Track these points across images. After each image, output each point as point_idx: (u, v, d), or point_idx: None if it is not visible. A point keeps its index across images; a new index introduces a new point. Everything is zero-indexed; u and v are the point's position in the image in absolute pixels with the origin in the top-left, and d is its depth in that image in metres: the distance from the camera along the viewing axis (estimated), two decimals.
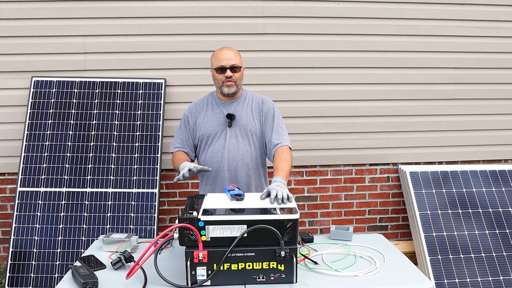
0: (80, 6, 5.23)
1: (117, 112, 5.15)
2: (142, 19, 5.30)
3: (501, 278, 4.78)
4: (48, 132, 5.05)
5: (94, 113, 5.13)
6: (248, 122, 3.68)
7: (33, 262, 4.76)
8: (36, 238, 4.81)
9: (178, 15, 5.32)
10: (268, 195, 2.99)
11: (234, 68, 3.60)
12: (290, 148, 3.70)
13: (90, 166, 5.00)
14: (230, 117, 3.65)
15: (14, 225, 4.84)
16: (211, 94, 3.88)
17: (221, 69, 3.60)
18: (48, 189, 4.93)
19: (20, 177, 4.96)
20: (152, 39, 5.33)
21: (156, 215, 4.90)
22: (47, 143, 5.03)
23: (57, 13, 5.22)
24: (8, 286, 4.72)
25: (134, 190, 4.95)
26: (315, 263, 2.88)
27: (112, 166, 5.01)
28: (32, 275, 4.74)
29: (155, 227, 4.87)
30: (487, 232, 5.07)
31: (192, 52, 5.37)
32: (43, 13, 5.21)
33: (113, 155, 5.03)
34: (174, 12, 5.31)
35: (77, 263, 2.90)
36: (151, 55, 5.34)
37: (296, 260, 2.53)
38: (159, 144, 5.08)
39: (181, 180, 3.35)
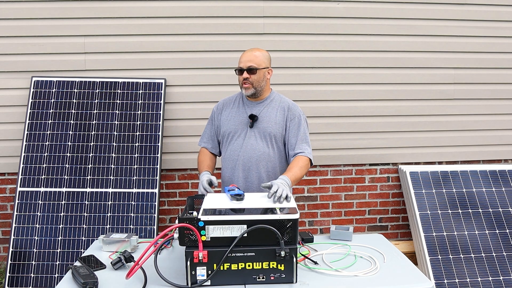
0: (80, 6, 5.23)
1: (117, 112, 5.15)
2: (142, 19, 5.30)
3: (501, 278, 4.79)
4: (48, 132, 5.05)
5: (94, 113, 5.13)
6: (269, 125, 3.64)
7: (33, 262, 4.76)
8: (36, 238, 4.81)
9: (178, 15, 5.32)
10: (270, 187, 3.02)
11: (251, 70, 3.54)
12: (310, 160, 3.68)
13: (90, 166, 5.00)
14: (253, 118, 3.62)
15: (14, 225, 4.85)
16: (240, 93, 3.85)
17: (239, 71, 3.58)
18: (48, 189, 4.93)
19: (20, 177, 4.96)
20: (152, 39, 5.33)
21: (156, 215, 4.90)
22: (47, 143, 5.03)
23: (57, 13, 5.22)
24: (8, 286, 4.72)
25: (134, 190, 4.95)
26: (315, 263, 2.88)
27: (112, 166, 5.01)
28: (32, 275, 4.74)
29: (155, 227, 4.87)
30: (487, 232, 5.07)
31: (192, 52, 5.37)
32: (43, 13, 5.21)
33: (113, 155, 5.04)
34: (174, 12, 5.31)
35: (77, 263, 2.91)
36: (151, 55, 5.34)
37: (296, 260, 2.53)
38: (159, 144, 5.08)
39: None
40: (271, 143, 3.65)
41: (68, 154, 5.01)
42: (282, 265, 2.53)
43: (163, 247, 3.22)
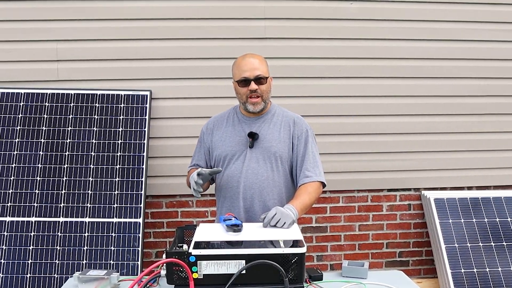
0: (53, 7, 5.25)
1: (95, 129, 5.17)
2: (124, 21, 5.32)
3: None
4: (15, 153, 5.07)
5: (68, 130, 5.15)
6: (273, 144, 3.58)
7: None
8: (0, 275, 4.81)
9: (166, 16, 5.35)
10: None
11: (259, 80, 3.49)
12: (323, 183, 3.64)
13: (63, 192, 5.01)
14: (253, 136, 3.55)
15: None
16: (234, 108, 3.80)
17: (244, 82, 3.49)
18: (15, 219, 4.94)
19: None
20: (136, 44, 5.36)
21: (140, 248, 4.90)
22: (13, 165, 5.04)
23: (25, 14, 5.24)
24: None
25: (115, 220, 4.96)
26: None
27: (89, 192, 5.02)
28: None
29: (139, 262, 4.87)
30: None
31: (182, 59, 5.39)
32: (9, 15, 5.23)
33: (90, 179, 5.05)
34: (162, 13, 5.34)
35: None
36: (135, 63, 5.36)
37: None
38: (144, 166, 5.10)
39: (201, 191, 3.38)
40: (276, 165, 3.59)
41: (38, 178, 5.03)
42: None
43: (148, 285, 3.23)
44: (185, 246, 2.65)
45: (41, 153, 5.08)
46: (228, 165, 3.64)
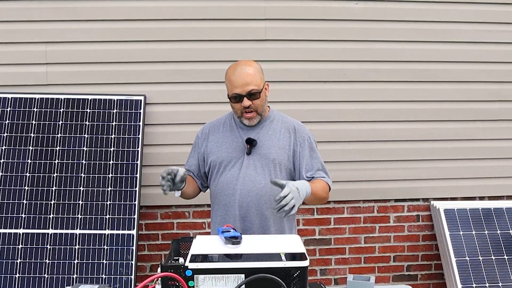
0: (41, 7, 5.25)
1: (86, 136, 5.17)
2: (117, 22, 5.32)
3: None
4: (1, 161, 5.06)
5: (58, 137, 5.15)
6: (271, 151, 3.59)
7: None
8: None
9: (161, 17, 5.35)
10: (281, 187, 3.10)
11: (253, 95, 3.47)
12: (329, 187, 3.70)
13: (53, 202, 5.00)
14: (251, 142, 3.56)
15: None
16: (231, 113, 3.79)
17: (236, 98, 3.49)
18: (1, 231, 4.92)
19: None
20: (130, 46, 5.36)
21: (133, 262, 4.90)
22: None
23: (13, 14, 5.24)
24: None
25: (107, 232, 4.96)
26: None
27: (80, 202, 5.01)
28: None
29: (132, 276, 4.86)
30: None
31: (178, 62, 5.39)
32: None
33: (81, 189, 5.04)
34: (157, 13, 5.34)
35: None
36: (128, 66, 5.36)
37: None
38: (138, 175, 5.10)
39: (164, 186, 3.33)
40: (274, 173, 3.59)
41: (26, 188, 5.02)
42: None
43: None
44: (181, 260, 2.66)
45: (29, 161, 5.08)
46: (223, 172, 3.64)
